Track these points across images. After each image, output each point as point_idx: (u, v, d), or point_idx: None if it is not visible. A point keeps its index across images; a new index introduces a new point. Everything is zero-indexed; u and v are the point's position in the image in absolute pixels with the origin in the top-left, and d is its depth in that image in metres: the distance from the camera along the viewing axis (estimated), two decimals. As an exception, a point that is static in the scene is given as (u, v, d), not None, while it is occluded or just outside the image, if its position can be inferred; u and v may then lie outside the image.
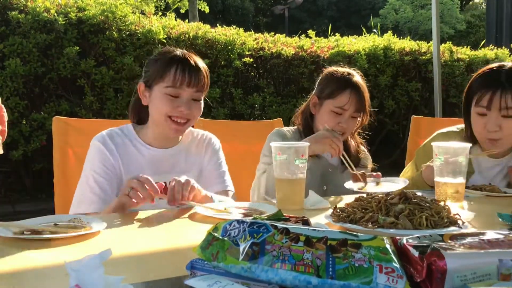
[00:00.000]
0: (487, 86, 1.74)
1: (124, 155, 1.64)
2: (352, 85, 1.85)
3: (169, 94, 1.57)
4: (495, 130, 1.74)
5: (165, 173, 1.67)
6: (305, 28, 7.30)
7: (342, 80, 1.87)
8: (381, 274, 0.66)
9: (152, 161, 1.67)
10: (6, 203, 4.52)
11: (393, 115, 6.48)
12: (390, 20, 21.86)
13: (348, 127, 1.88)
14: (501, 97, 1.70)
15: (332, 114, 1.86)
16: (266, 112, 5.43)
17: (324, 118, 1.88)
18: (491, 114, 1.74)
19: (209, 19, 10.17)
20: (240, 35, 5.41)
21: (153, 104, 1.63)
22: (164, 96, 1.58)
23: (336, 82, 1.88)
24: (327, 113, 1.88)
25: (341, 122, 1.85)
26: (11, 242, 1.01)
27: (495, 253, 0.69)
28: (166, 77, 1.57)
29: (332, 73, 1.93)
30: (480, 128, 1.78)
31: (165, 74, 1.57)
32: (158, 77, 1.59)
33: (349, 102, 1.84)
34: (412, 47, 6.49)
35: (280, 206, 1.41)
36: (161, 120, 1.61)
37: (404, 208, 1.08)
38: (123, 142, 1.66)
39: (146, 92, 1.64)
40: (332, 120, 1.86)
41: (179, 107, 1.58)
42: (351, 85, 1.85)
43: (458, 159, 1.50)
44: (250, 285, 0.69)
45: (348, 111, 1.86)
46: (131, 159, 1.65)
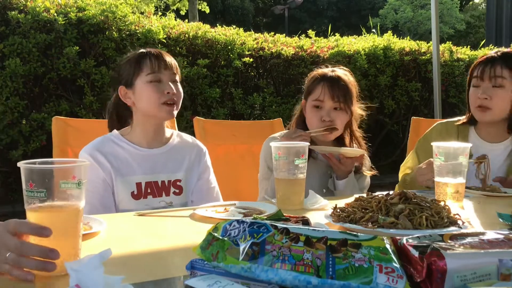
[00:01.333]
0: (481, 63, 1.97)
1: (115, 161, 1.66)
2: (326, 78, 1.89)
3: (152, 80, 1.67)
4: (485, 97, 1.90)
5: (156, 172, 1.71)
6: (305, 28, 7.30)
7: (318, 75, 1.93)
8: (381, 274, 0.66)
9: (143, 161, 1.70)
10: (6, 203, 4.52)
11: (393, 115, 6.47)
12: (389, 20, 21.85)
13: (334, 120, 1.86)
14: (491, 67, 1.90)
15: (313, 109, 1.89)
16: (266, 112, 5.43)
17: (309, 116, 1.91)
18: (483, 84, 1.92)
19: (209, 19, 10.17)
20: (240, 35, 5.41)
21: (140, 98, 1.68)
22: (149, 84, 1.67)
23: (312, 79, 1.94)
24: (309, 110, 1.91)
25: (323, 116, 1.85)
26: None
27: (495, 253, 0.69)
28: (144, 66, 1.68)
29: (313, 73, 1.97)
30: (474, 97, 1.95)
31: (142, 64, 1.68)
32: (137, 70, 1.69)
33: (323, 92, 1.86)
34: (412, 47, 6.49)
35: (280, 206, 1.41)
36: (153, 109, 1.67)
37: (404, 208, 1.08)
38: (112, 148, 1.68)
39: (129, 92, 1.71)
40: (314, 115, 1.88)
41: (165, 89, 1.67)
42: (325, 78, 1.89)
43: (458, 159, 1.51)
44: (250, 285, 0.69)
45: (325, 102, 1.86)
46: (122, 162, 1.68)
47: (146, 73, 1.67)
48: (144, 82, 1.67)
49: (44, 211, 0.79)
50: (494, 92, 1.90)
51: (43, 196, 0.78)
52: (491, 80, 1.90)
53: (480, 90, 1.92)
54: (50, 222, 0.80)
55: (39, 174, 0.79)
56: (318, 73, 1.93)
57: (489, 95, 1.89)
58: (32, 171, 0.79)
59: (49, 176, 0.79)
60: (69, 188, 0.80)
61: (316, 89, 1.88)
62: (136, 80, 1.68)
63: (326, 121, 1.85)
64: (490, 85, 1.90)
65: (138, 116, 1.72)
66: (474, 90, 1.95)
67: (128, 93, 1.70)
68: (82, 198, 0.83)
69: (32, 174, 0.79)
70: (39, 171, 0.79)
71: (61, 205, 0.80)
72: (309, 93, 1.92)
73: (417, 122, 2.71)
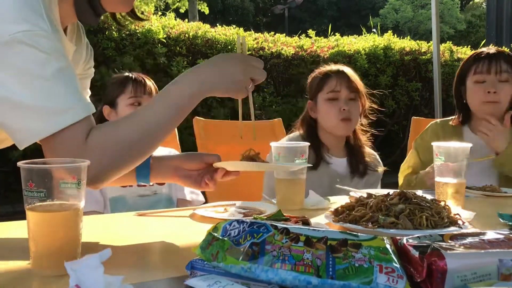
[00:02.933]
0: (482, 59, 1.97)
1: None
2: (335, 71, 1.92)
3: (133, 104, 1.88)
4: (494, 91, 1.91)
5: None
6: (305, 28, 7.29)
7: (324, 71, 1.95)
8: (381, 274, 0.66)
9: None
10: (6, 203, 4.52)
11: (393, 115, 6.47)
12: (390, 20, 21.85)
13: (351, 109, 1.88)
14: (497, 63, 1.93)
15: (329, 102, 1.89)
16: (266, 112, 5.43)
17: (325, 111, 1.90)
18: (490, 77, 1.94)
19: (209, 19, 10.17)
20: (240, 35, 5.41)
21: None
22: (130, 106, 1.88)
23: (319, 76, 1.95)
24: (324, 105, 1.90)
25: (341, 106, 1.87)
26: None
27: (495, 253, 0.69)
28: (126, 89, 1.90)
29: (314, 73, 2.00)
30: (480, 93, 1.95)
31: (126, 87, 1.90)
32: (120, 91, 1.90)
33: (338, 82, 1.89)
34: (412, 47, 6.49)
35: (280, 206, 1.41)
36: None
37: (404, 208, 1.08)
38: None
39: (112, 112, 1.92)
40: (332, 109, 1.88)
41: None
42: (333, 71, 1.93)
43: (458, 159, 1.51)
44: (250, 285, 0.69)
45: (341, 92, 1.89)
46: None
47: (129, 96, 1.89)
48: (126, 104, 1.89)
49: (44, 211, 0.79)
50: (500, 86, 1.93)
51: (43, 196, 0.78)
52: (497, 74, 1.93)
53: (488, 84, 1.93)
54: (50, 222, 0.80)
55: (38, 174, 0.79)
56: (325, 70, 1.95)
57: (497, 89, 1.92)
58: (32, 171, 0.79)
59: (49, 176, 0.79)
60: (69, 188, 0.80)
61: (329, 82, 1.90)
62: (119, 100, 1.90)
63: (346, 110, 1.86)
64: (496, 80, 1.93)
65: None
66: (479, 86, 1.96)
67: (112, 113, 1.92)
68: (82, 198, 0.83)
69: (32, 174, 0.79)
70: (39, 171, 0.79)
71: (61, 205, 0.80)
72: (319, 90, 1.92)
73: (417, 122, 2.72)
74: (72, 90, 0.95)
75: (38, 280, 0.79)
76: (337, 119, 1.87)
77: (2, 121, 0.93)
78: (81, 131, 0.94)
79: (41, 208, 0.79)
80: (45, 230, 0.79)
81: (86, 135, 0.94)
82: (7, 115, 0.91)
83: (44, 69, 0.91)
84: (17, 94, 0.89)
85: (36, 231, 0.80)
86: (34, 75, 0.90)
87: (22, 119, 0.91)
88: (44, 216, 0.80)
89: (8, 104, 0.90)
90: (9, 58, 0.88)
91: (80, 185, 0.81)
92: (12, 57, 0.88)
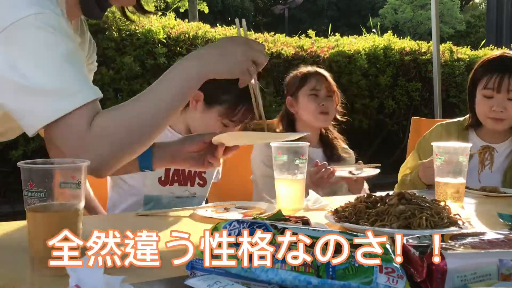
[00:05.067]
0: (494, 71, 1.88)
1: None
2: (314, 72, 2.13)
3: None
4: (501, 111, 1.87)
5: None
6: (305, 28, 7.29)
7: (304, 72, 2.14)
8: (381, 274, 0.66)
9: None
10: (5, 203, 4.52)
11: (393, 115, 6.47)
12: (390, 20, 21.84)
13: (329, 105, 2.07)
14: (509, 79, 1.85)
15: (310, 97, 2.07)
16: (266, 112, 5.43)
17: (305, 104, 2.07)
18: (499, 96, 1.87)
19: (209, 19, 10.18)
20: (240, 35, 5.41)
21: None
22: None
23: (300, 75, 2.14)
24: (305, 99, 2.07)
25: (321, 101, 2.06)
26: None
27: (495, 253, 0.69)
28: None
29: (294, 73, 2.19)
30: (486, 109, 1.90)
31: None
32: None
33: (319, 83, 2.08)
34: (412, 47, 6.49)
35: (280, 206, 1.41)
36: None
37: (405, 209, 1.08)
38: None
39: None
40: (312, 102, 2.05)
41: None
42: (313, 72, 2.13)
43: (459, 159, 1.51)
44: (250, 285, 0.69)
45: (321, 91, 2.08)
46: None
47: None
48: None
49: (44, 211, 0.79)
50: (509, 104, 1.87)
51: (43, 196, 0.78)
52: (508, 92, 1.86)
53: (495, 102, 1.87)
54: (50, 223, 0.80)
55: (39, 174, 0.79)
56: (305, 71, 2.14)
57: (504, 107, 1.87)
58: (31, 171, 0.79)
59: (49, 176, 0.79)
60: (68, 188, 0.80)
61: (310, 82, 2.09)
62: None
63: (324, 105, 2.05)
64: (506, 98, 1.87)
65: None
66: (486, 101, 1.90)
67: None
68: (82, 199, 0.83)
69: (32, 174, 0.79)
70: (39, 171, 0.79)
71: (61, 205, 0.80)
72: (300, 87, 2.10)
73: (417, 122, 2.71)
74: (81, 73, 0.95)
75: (38, 280, 0.79)
76: (316, 111, 2.05)
77: (12, 106, 0.93)
78: (87, 115, 0.94)
79: (41, 208, 0.79)
80: (45, 230, 0.79)
81: (91, 119, 0.94)
82: (17, 99, 0.92)
83: (54, 52, 0.91)
84: (27, 76, 0.89)
85: (36, 231, 0.80)
86: (44, 57, 0.91)
87: (32, 102, 0.91)
88: (44, 216, 0.80)
89: (18, 87, 0.90)
90: (20, 40, 0.89)
91: (80, 185, 0.81)
92: (23, 39, 0.89)
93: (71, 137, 0.93)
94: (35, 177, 0.78)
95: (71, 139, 0.93)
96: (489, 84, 1.88)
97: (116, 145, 0.96)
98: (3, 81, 0.90)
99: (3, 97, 0.92)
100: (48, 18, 0.91)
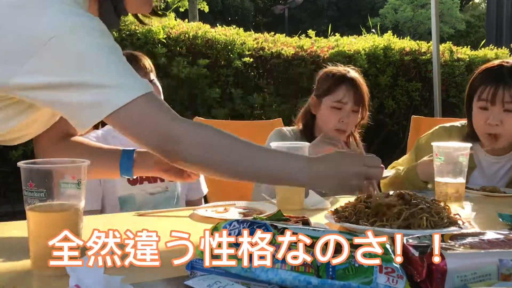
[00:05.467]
0: (489, 81, 1.76)
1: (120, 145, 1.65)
2: (348, 79, 1.89)
3: None
4: (496, 124, 1.74)
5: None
6: (305, 28, 7.29)
7: (338, 75, 1.91)
8: (381, 274, 0.66)
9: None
10: (5, 203, 4.52)
11: (393, 115, 6.47)
12: (390, 20, 21.84)
13: (350, 122, 1.90)
14: (504, 91, 1.72)
15: (332, 110, 1.89)
16: (266, 112, 5.42)
17: (325, 116, 1.91)
18: (494, 108, 1.75)
19: (209, 19, 10.17)
20: (240, 35, 5.40)
21: None
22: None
23: (332, 78, 1.92)
24: (327, 110, 1.90)
25: (342, 118, 1.88)
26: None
27: (495, 253, 0.69)
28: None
29: (328, 71, 1.97)
30: (482, 122, 1.79)
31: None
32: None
33: (347, 95, 1.88)
34: (412, 47, 6.48)
35: (280, 206, 1.41)
36: None
37: (403, 209, 1.08)
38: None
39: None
40: (333, 117, 1.88)
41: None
42: (347, 79, 1.90)
43: (459, 159, 1.50)
44: (250, 285, 0.69)
45: (347, 104, 1.88)
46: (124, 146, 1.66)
47: None
48: None
49: (44, 211, 0.79)
50: (505, 117, 1.75)
51: (43, 196, 0.78)
52: (503, 104, 1.73)
53: (490, 115, 1.75)
54: (50, 222, 0.80)
55: (39, 174, 0.79)
56: (337, 72, 1.92)
57: (500, 120, 1.75)
58: (32, 171, 0.79)
59: (49, 176, 0.79)
60: (69, 188, 0.80)
61: (338, 90, 1.89)
62: None
63: (344, 122, 1.88)
64: (502, 110, 1.75)
65: None
66: (482, 114, 1.78)
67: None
68: (82, 198, 0.83)
69: (32, 174, 0.79)
70: (39, 171, 0.79)
71: (61, 205, 0.80)
72: (328, 92, 1.90)
73: (417, 122, 2.71)
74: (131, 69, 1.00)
75: (38, 280, 0.79)
76: (333, 127, 1.89)
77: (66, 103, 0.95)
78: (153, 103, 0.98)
79: (41, 208, 0.79)
80: (45, 230, 0.79)
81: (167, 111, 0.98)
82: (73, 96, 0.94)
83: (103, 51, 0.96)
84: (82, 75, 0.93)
85: (36, 231, 0.80)
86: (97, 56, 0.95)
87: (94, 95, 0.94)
88: (44, 216, 0.80)
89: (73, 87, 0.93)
90: (71, 44, 0.93)
91: (80, 185, 0.81)
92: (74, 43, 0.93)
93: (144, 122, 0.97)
94: (35, 177, 0.79)
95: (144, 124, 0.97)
96: (483, 95, 1.77)
97: (203, 157, 1.00)
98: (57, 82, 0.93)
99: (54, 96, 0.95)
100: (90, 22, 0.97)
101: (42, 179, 0.78)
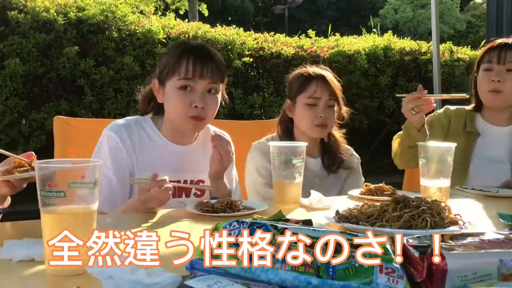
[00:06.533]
0: (495, 48, 1.98)
1: (140, 150, 1.57)
2: (318, 75, 1.89)
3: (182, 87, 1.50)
4: (498, 80, 1.92)
5: (181, 171, 1.61)
6: (305, 28, 7.29)
7: (308, 73, 1.90)
8: (381, 274, 0.66)
9: (170, 158, 1.60)
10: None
11: (393, 115, 6.47)
12: (390, 20, 21.85)
13: (328, 117, 1.87)
14: (506, 52, 1.93)
15: (307, 107, 1.87)
16: (266, 112, 5.42)
17: (302, 114, 1.88)
18: (497, 67, 1.94)
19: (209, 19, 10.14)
20: (240, 35, 5.41)
21: (168, 102, 1.56)
22: (178, 90, 1.51)
23: (302, 77, 1.91)
24: (303, 108, 1.88)
25: (319, 113, 1.85)
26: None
27: (496, 253, 0.68)
28: (178, 68, 1.50)
29: (297, 72, 1.96)
30: (486, 81, 1.96)
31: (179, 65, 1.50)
32: (171, 69, 1.52)
33: (319, 89, 1.85)
34: (412, 47, 6.48)
35: (277, 205, 1.41)
36: (178, 120, 1.55)
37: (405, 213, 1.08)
38: (139, 135, 1.59)
39: (160, 90, 1.58)
40: (310, 113, 1.86)
41: (194, 102, 1.50)
42: (316, 74, 1.89)
43: (442, 159, 1.51)
44: (250, 285, 0.69)
45: (321, 99, 1.86)
46: (148, 154, 1.57)
47: (178, 78, 1.50)
48: (173, 86, 1.51)
49: (60, 213, 0.79)
50: (507, 76, 1.93)
51: (60, 195, 0.78)
52: (505, 63, 1.93)
53: (493, 73, 1.94)
54: (66, 223, 0.79)
55: (55, 174, 0.79)
56: (306, 71, 1.91)
57: (503, 78, 1.92)
58: (49, 171, 0.79)
59: (67, 175, 0.79)
60: (84, 189, 0.80)
61: (310, 86, 1.87)
62: (168, 80, 1.53)
63: (322, 117, 1.85)
64: (504, 69, 1.93)
65: (167, 113, 1.61)
66: (486, 74, 1.97)
67: (160, 90, 1.57)
68: (96, 199, 0.82)
69: (49, 174, 0.79)
70: (56, 171, 0.79)
71: (77, 206, 0.80)
72: (300, 90, 1.89)
73: (417, 121, 2.70)
74: None
75: (38, 280, 0.79)
76: (312, 124, 1.86)
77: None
78: None
79: (57, 209, 0.79)
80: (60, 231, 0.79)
81: None
82: None
83: None
84: None
85: (52, 231, 0.79)
86: None
87: None
88: (60, 217, 0.80)
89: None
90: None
91: (96, 184, 0.81)
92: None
93: None
94: (52, 177, 0.78)
95: None
96: (488, 58, 1.97)
97: None
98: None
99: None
100: None
101: (58, 179, 0.78)
